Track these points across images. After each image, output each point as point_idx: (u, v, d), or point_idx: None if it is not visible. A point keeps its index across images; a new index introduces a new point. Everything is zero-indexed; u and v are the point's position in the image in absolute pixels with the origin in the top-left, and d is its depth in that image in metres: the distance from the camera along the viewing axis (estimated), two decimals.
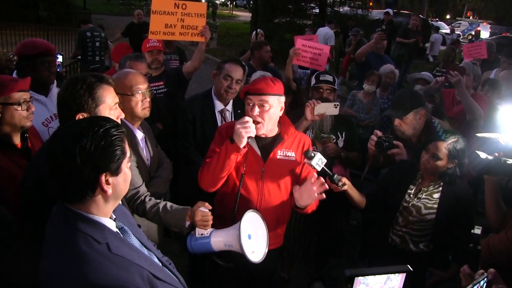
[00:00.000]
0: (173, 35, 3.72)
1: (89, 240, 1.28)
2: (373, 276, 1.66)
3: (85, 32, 6.94)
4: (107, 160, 1.31)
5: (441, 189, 2.53)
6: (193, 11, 3.70)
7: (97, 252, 1.27)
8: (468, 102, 3.66)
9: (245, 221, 2.03)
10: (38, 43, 2.94)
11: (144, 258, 1.43)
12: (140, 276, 1.32)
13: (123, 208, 1.61)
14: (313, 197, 2.22)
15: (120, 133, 1.35)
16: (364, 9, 16.99)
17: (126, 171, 1.40)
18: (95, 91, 1.83)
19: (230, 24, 25.08)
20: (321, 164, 2.24)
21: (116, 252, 1.31)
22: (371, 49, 5.57)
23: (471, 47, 6.18)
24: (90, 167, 1.28)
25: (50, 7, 17.50)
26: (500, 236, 2.24)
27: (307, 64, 3.92)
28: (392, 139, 2.86)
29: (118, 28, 10.93)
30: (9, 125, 2.15)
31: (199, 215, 2.12)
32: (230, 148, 2.19)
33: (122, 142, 1.36)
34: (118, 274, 1.25)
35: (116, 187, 1.37)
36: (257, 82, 2.31)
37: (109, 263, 1.27)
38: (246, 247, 2.00)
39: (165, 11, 3.63)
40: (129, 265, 1.32)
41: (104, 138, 1.30)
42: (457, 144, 2.44)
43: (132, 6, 25.58)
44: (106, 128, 1.32)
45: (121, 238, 1.43)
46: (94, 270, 1.22)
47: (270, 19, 15.65)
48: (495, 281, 1.70)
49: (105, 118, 1.45)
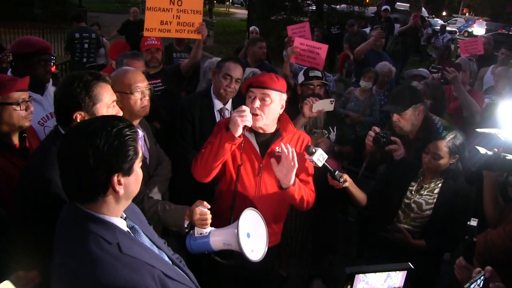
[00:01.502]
0: (169, 32, 3.70)
1: (100, 241, 1.27)
2: (374, 273, 1.66)
3: (74, 33, 6.81)
4: (120, 161, 1.29)
5: (441, 185, 2.54)
6: (189, 8, 3.67)
7: (108, 253, 1.26)
8: (465, 98, 3.66)
9: (243, 220, 2.02)
10: (33, 41, 2.92)
11: (155, 257, 1.43)
12: (151, 276, 1.31)
13: (133, 206, 1.60)
14: (291, 168, 2.19)
15: (132, 133, 1.34)
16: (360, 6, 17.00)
17: (138, 171, 1.39)
18: (92, 89, 1.82)
19: (227, 22, 25.00)
20: (322, 160, 2.24)
21: (127, 252, 1.30)
22: (370, 47, 5.57)
23: (468, 43, 6.19)
24: (103, 167, 1.27)
25: (45, 5, 17.35)
26: (498, 231, 2.25)
27: (305, 63, 3.92)
28: (389, 135, 2.87)
29: (114, 26, 10.87)
30: (7, 124, 2.13)
31: (197, 214, 2.10)
32: (225, 136, 2.17)
33: (135, 142, 1.34)
34: (129, 275, 1.24)
35: (128, 187, 1.35)
36: (262, 75, 2.32)
37: (120, 265, 1.25)
38: (245, 246, 1.99)
39: (161, 8, 3.61)
40: (140, 266, 1.31)
41: (117, 138, 1.28)
42: (456, 140, 2.45)
43: (128, 4, 25.40)
44: (119, 128, 1.30)
45: (132, 238, 1.42)
46: (105, 273, 1.22)
47: (267, 16, 15.62)
48: (492, 279, 1.70)
49: (118, 117, 1.43)
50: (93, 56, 6.93)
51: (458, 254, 3.45)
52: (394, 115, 2.92)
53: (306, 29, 4.74)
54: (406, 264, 1.72)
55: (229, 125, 2.17)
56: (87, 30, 6.99)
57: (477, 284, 1.67)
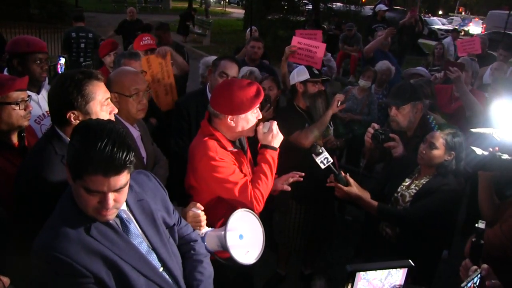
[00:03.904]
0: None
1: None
2: (375, 271, 1.66)
3: (71, 33, 6.79)
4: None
5: (428, 180, 2.55)
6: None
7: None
8: (468, 98, 3.65)
9: (233, 221, 1.98)
10: (29, 40, 2.92)
11: (133, 251, 1.51)
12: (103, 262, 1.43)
13: (158, 188, 1.75)
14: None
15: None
16: (357, 5, 17.02)
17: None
18: (84, 87, 1.81)
19: (223, 21, 24.98)
20: (326, 163, 2.26)
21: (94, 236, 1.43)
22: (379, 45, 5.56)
23: (465, 42, 6.21)
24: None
25: (42, 5, 17.31)
26: (494, 230, 2.25)
27: (302, 62, 3.91)
28: (388, 132, 2.89)
29: (111, 26, 10.85)
30: (6, 124, 2.12)
31: (190, 217, 2.07)
32: (273, 154, 2.30)
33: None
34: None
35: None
36: None
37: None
38: (235, 248, 1.96)
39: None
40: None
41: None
42: (454, 136, 2.47)
43: (124, 3, 25.38)
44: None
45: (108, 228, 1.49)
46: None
47: (264, 16, 15.62)
48: (488, 277, 1.71)
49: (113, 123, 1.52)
50: (89, 56, 6.89)
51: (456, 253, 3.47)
52: (392, 110, 2.94)
53: (318, 38, 4.26)
54: (406, 261, 1.72)
55: (274, 143, 2.28)
56: (84, 30, 6.96)
57: (474, 282, 1.68)
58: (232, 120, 2.20)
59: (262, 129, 2.30)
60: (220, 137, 2.22)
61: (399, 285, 1.73)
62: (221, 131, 2.25)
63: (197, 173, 2.24)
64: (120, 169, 1.33)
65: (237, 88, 2.17)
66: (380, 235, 2.75)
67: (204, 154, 2.17)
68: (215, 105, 2.21)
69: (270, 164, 2.28)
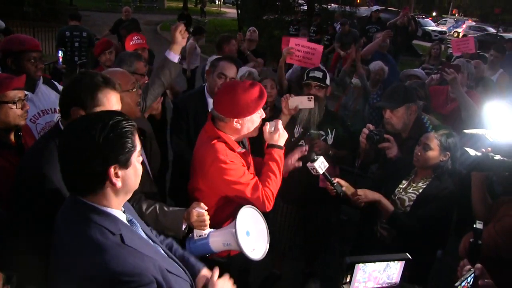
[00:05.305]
0: None
1: (104, 231, 1.29)
2: (373, 263, 1.69)
3: (65, 32, 6.75)
4: (116, 152, 1.31)
5: (427, 183, 2.56)
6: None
7: (113, 242, 1.28)
8: (464, 100, 3.67)
9: (241, 218, 1.98)
10: (23, 38, 2.91)
11: (154, 251, 1.45)
12: (153, 266, 1.34)
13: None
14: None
15: (130, 126, 1.35)
16: (352, 6, 17.07)
17: (136, 164, 1.40)
18: (97, 92, 1.80)
19: (218, 21, 24.91)
20: (323, 168, 2.27)
21: (129, 243, 1.32)
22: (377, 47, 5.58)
23: (460, 42, 6.24)
24: (99, 158, 1.28)
25: (36, 3, 17.21)
26: (488, 229, 2.27)
27: (300, 63, 3.91)
28: (383, 132, 2.90)
29: (106, 25, 10.81)
30: (3, 123, 2.12)
31: (194, 216, 2.08)
32: (280, 152, 2.31)
33: (132, 135, 1.36)
34: (135, 262, 1.27)
35: (126, 180, 1.37)
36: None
37: (126, 252, 1.28)
38: (245, 245, 1.95)
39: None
40: (142, 256, 1.33)
41: (113, 130, 1.30)
42: (448, 137, 2.49)
43: (119, 3, 25.30)
44: (116, 121, 1.32)
45: (133, 230, 1.44)
46: (113, 259, 1.24)
47: (259, 16, 15.61)
48: (482, 276, 1.73)
49: (116, 112, 1.45)
50: (84, 54, 6.86)
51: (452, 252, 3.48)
52: (386, 112, 2.95)
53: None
54: (404, 254, 1.77)
55: (280, 142, 2.31)
56: (78, 28, 6.91)
57: (467, 281, 1.70)
58: (238, 122, 2.19)
59: (268, 129, 2.30)
60: (227, 139, 2.22)
61: (395, 282, 1.75)
62: (226, 133, 2.25)
63: (207, 177, 2.22)
64: None
65: (241, 91, 2.16)
66: (375, 236, 2.76)
67: (215, 157, 2.15)
68: (220, 109, 2.19)
69: (278, 162, 2.29)
